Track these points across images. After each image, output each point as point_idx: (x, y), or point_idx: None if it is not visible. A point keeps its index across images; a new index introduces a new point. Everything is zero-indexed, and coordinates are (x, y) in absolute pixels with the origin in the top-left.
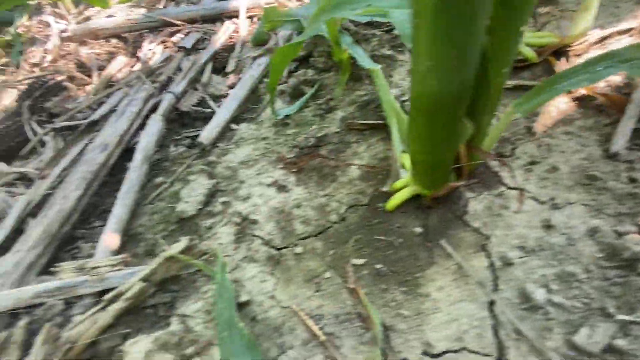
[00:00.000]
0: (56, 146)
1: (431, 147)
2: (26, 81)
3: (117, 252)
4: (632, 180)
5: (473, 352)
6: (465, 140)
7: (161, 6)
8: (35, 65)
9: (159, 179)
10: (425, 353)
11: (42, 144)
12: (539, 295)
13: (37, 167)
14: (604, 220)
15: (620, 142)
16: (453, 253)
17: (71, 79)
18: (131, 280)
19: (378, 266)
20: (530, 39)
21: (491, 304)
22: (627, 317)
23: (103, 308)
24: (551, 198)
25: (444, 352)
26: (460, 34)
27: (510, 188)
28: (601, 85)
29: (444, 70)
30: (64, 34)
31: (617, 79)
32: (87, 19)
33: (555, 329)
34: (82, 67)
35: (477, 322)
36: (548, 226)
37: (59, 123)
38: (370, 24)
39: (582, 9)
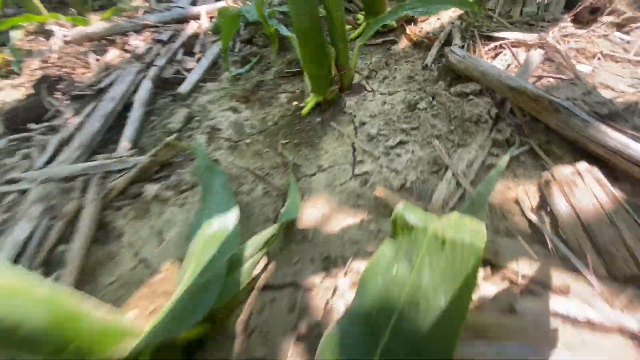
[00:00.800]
0: (73, 109)
1: (311, 62)
2: (38, 71)
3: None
4: (429, 76)
5: (342, 164)
6: (333, 60)
7: (139, 15)
8: (35, 70)
9: (153, 118)
10: (318, 169)
11: (59, 113)
12: (374, 131)
13: (60, 123)
14: (410, 94)
15: (429, 59)
16: (337, 127)
17: (74, 69)
18: (141, 159)
19: (296, 141)
20: None
21: (353, 144)
22: (405, 126)
23: (126, 173)
24: (389, 92)
25: (328, 167)
26: None
27: (369, 91)
28: (430, 35)
29: (299, 8)
30: (65, 39)
31: (437, 28)
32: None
33: (377, 144)
34: (82, 60)
35: (346, 153)
36: (384, 103)
37: (74, 92)
38: None
39: None
